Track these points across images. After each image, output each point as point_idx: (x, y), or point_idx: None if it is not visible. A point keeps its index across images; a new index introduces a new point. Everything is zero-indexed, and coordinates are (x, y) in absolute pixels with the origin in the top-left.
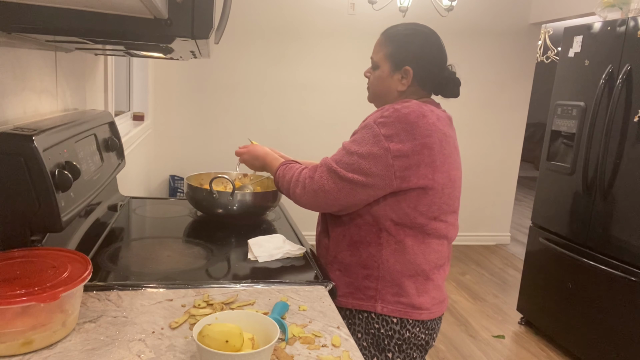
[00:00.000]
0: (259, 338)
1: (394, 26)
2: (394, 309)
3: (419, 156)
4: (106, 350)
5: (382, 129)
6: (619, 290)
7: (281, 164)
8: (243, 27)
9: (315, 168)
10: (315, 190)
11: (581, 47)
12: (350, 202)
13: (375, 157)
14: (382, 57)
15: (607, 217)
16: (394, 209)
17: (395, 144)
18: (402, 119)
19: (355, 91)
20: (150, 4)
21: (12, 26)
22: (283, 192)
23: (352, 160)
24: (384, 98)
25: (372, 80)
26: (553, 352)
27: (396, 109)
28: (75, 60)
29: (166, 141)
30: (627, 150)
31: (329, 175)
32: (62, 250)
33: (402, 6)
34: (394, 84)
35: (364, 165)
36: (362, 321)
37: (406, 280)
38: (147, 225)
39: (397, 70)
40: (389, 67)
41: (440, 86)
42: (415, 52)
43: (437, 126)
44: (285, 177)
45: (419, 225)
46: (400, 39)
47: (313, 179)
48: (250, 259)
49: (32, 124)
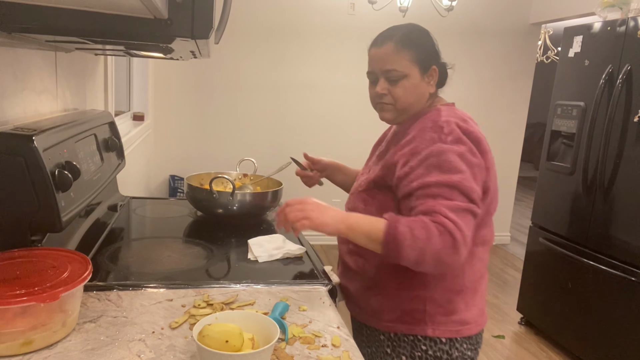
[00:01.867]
0: (259, 338)
1: (390, 32)
2: (445, 330)
3: (483, 160)
4: (106, 350)
5: (461, 146)
6: (619, 290)
7: (395, 219)
8: (243, 27)
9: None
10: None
11: (581, 47)
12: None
13: (475, 176)
14: (408, 64)
15: (607, 217)
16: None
17: (478, 156)
18: (460, 129)
19: (355, 91)
20: (150, 4)
21: (12, 26)
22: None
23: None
24: (415, 106)
25: (401, 92)
26: (553, 352)
27: (447, 122)
28: (75, 60)
29: (166, 141)
30: (627, 150)
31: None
32: (62, 250)
33: (402, 6)
34: (425, 88)
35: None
36: (407, 344)
37: (455, 296)
38: (147, 225)
39: (426, 72)
40: (418, 72)
41: (444, 80)
42: (432, 49)
43: (476, 127)
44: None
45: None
46: (415, 40)
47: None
48: (250, 259)
49: (32, 124)
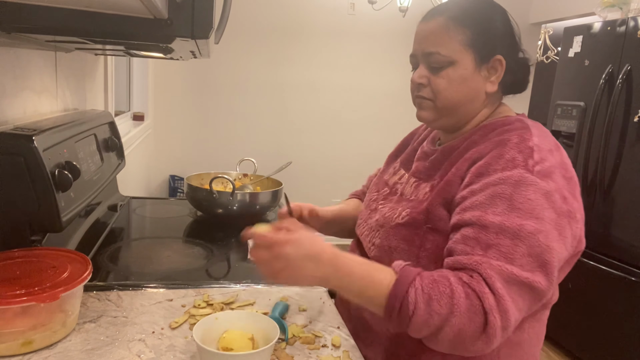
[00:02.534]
0: (259, 338)
1: (452, 3)
2: None
3: (575, 209)
4: (106, 350)
5: (549, 182)
6: (619, 290)
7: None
8: (243, 27)
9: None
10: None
11: (581, 47)
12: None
13: (561, 231)
14: (459, 47)
15: (607, 217)
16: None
17: (571, 200)
18: (552, 160)
19: (355, 91)
20: (150, 4)
21: (12, 26)
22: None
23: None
24: (466, 109)
25: (444, 84)
26: (553, 352)
27: (539, 146)
28: (75, 60)
29: (166, 141)
30: (627, 150)
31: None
32: (62, 250)
33: (402, 6)
34: (481, 84)
35: (557, 249)
36: None
37: None
38: (147, 225)
39: (484, 62)
40: (472, 60)
41: (519, 80)
42: (502, 31)
43: (566, 154)
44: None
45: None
46: (476, 17)
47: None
48: (250, 259)
49: (32, 124)
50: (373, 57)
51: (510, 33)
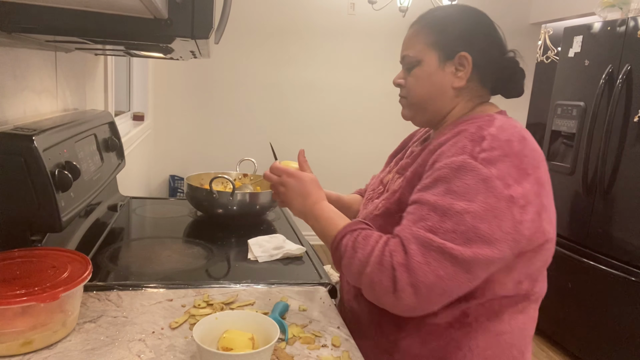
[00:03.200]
0: (259, 338)
1: (429, 11)
2: None
3: (538, 199)
4: (106, 350)
5: (491, 169)
6: (619, 290)
7: (346, 230)
8: (243, 27)
9: (402, 245)
10: (414, 284)
11: (581, 47)
12: (457, 294)
13: (496, 214)
14: (424, 48)
15: (607, 217)
16: (501, 278)
17: (514, 188)
18: (506, 149)
19: (355, 91)
20: (150, 4)
21: (12, 26)
22: (350, 276)
23: (465, 224)
24: (434, 105)
25: (413, 82)
26: (553, 352)
27: (493, 135)
28: (75, 60)
29: (166, 141)
30: (627, 150)
31: (430, 256)
32: (62, 250)
33: (402, 6)
34: (447, 78)
35: (485, 230)
36: None
37: None
38: (147, 225)
39: (449, 59)
40: (436, 58)
41: (505, 79)
42: (468, 31)
43: (539, 150)
44: (356, 253)
45: (524, 292)
46: (444, 21)
47: (409, 267)
48: (250, 259)
49: (32, 124)
50: (373, 57)
51: (484, 33)
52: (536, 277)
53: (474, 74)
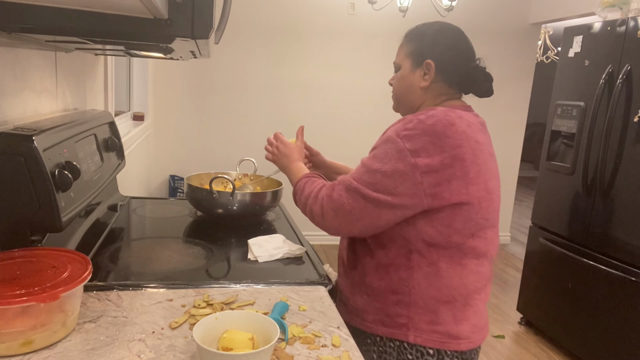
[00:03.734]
0: (259, 338)
1: (416, 26)
2: (428, 339)
3: (450, 170)
4: (106, 350)
5: (407, 143)
6: (619, 290)
7: (304, 176)
8: (243, 27)
9: (334, 186)
10: (334, 210)
11: (581, 47)
12: (374, 224)
13: (401, 174)
14: (403, 57)
15: (607, 217)
16: (426, 228)
17: (422, 158)
18: (428, 131)
19: (355, 91)
20: (150, 4)
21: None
22: (300, 207)
23: (375, 178)
24: (407, 99)
25: (395, 83)
26: (553, 352)
27: (420, 120)
28: (75, 60)
29: (166, 141)
30: (627, 150)
31: (348, 194)
32: (62, 250)
33: (402, 6)
34: (415, 80)
35: (389, 184)
36: (393, 350)
37: (442, 306)
38: (147, 225)
39: (418, 65)
40: (410, 64)
41: (469, 82)
42: (436, 43)
43: (468, 134)
44: (304, 191)
45: (455, 244)
46: (421, 35)
47: (331, 197)
48: (250, 259)
49: (32, 124)
50: (373, 57)
51: (451, 45)
52: (468, 233)
53: (438, 77)
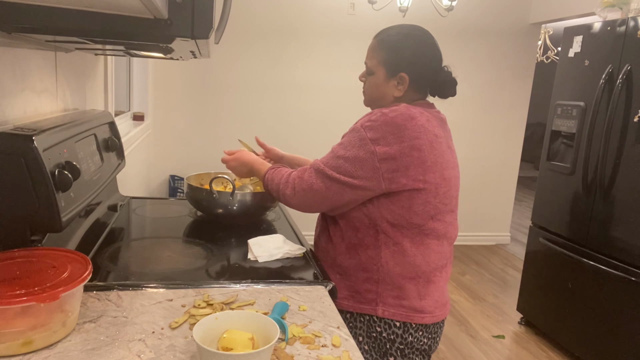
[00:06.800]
0: (259, 338)
1: (386, 29)
2: (395, 313)
3: (407, 158)
4: (106, 350)
5: (368, 133)
6: (619, 290)
7: (269, 169)
8: (243, 27)
9: (305, 169)
10: (304, 189)
11: (581, 47)
12: (339, 202)
13: (360, 160)
14: (376, 64)
15: (607, 217)
16: (389, 210)
17: (381, 147)
18: (388, 122)
19: (354, 91)
20: (150, 4)
21: (12, 26)
22: (273, 195)
23: (339, 163)
24: (380, 103)
25: (368, 86)
26: (553, 352)
27: (383, 113)
28: (75, 60)
29: (166, 141)
30: (627, 150)
31: (317, 175)
32: (62, 250)
33: (402, 6)
34: (389, 90)
35: (350, 168)
36: (363, 324)
37: (407, 283)
38: (147, 225)
39: (393, 76)
40: (384, 74)
41: (437, 88)
42: (409, 57)
43: (426, 127)
44: (274, 180)
45: (416, 225)
46: (393, 44)
47: (302, 179)
48: (250, 259)
49: (32, 124)
50: None
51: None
52: (427, 216)
53: (410, 86)
